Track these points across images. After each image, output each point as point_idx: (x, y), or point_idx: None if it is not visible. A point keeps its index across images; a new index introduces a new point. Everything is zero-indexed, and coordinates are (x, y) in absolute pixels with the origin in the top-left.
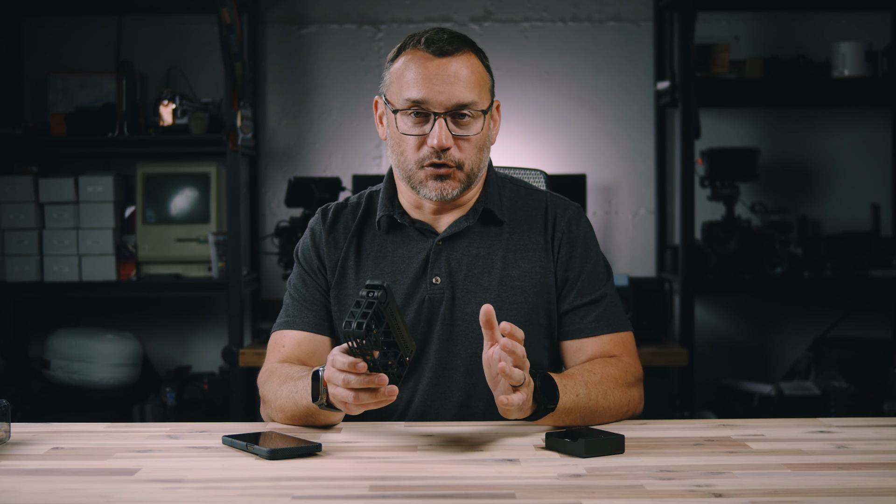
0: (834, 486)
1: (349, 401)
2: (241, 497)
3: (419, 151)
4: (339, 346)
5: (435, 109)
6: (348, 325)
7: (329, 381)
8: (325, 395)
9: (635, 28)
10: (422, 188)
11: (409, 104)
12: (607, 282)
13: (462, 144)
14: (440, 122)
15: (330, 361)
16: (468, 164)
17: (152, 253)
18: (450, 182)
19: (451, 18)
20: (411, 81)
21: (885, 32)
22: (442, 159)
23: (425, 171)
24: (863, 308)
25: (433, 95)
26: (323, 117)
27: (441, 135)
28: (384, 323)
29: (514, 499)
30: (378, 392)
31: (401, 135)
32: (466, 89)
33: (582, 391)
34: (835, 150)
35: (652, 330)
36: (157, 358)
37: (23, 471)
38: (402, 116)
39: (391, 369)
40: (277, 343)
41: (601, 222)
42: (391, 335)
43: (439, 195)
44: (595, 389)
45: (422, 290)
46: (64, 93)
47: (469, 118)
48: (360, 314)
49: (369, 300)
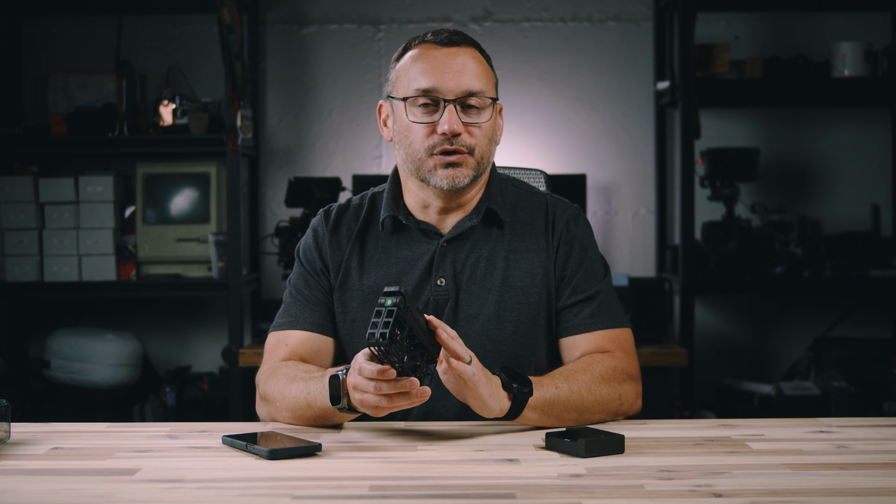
0: (834, 486)
1: (382, 405)
2: (241, 497)
3: (429, 139)
4: (362, 353)
5: (445, 96)
6: (371, 335)
7: (356, 388)
8: (347, 399)
9: (635, 28)
10: (432, 177)
11: (419, 92)
12: (603, 280)
13: (472, 131)
14: (450, 109)
15: (356, 369)
16: (479, 151)
17: (152, 253)
18: (461, 169)
19: (451, 18)
20: (420, 71)
21: (885, 32)
22: (454, 145)
23: (435, 159)
24: (863, 308)
25: (443, 82)
26: (323, 117)
27: (452, 120)
28: (407, 327)
29: (514, 499)
30: (411, 394)
31: (410, 124)
32: (475, 78)
33: (562, 385)
34: (835, 150)
35: (652, 330)
36: (157, 358)
37: (23, 471)
38: (412, 106)
39: (420, 370)
40: (280, 342)
41: (601, 222)
42: (416, 337)
43: (450, 183)
44: (577, 383)
45: (427, 291)
46: (64, 93)
47: (478, 107)
48: (381, 324)
49: (389, 308)
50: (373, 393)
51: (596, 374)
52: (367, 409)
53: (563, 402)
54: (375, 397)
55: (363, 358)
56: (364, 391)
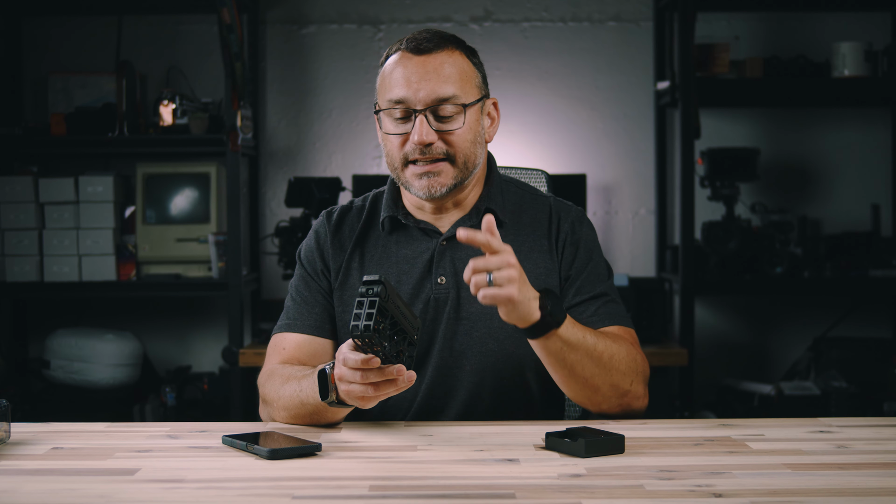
0: (834, 486)
1: (369, 394)
2: (241, 497)
3: (402, 149)
4: (346, 344)
5: (415, 106)
6: (355, 328)
7: (342, 379)
8: (335, 393)
9: (635, 28)
10: (410, 187)
11: (390, 104)
12: (607, 283)
13: (448, 138)
14: (420, 119)
15: (341, 360)
16: (461, 156)
17: (152, 253)
18: (437, 178)
19: (451, 18)
20: (392, 82)
21: (885, 32)
22: (427, 154)
23: (410, 169)
24: (863, 308)
25: (412, 93)
26: (323, 117)
27: (422, 130)
28: (389, 315)
29: (514, 499)
30: (398, 380)
31: (385, 135)
32: (447, 83)
33: (590, 337)
34: (835, 150)
35: (652, 330)
36: (157, 358)
37: (23, 471)
38: (386, 117)
39: (403, 354)
40: (278, 345)
41: (601, 222)
42: (397, 323)
43: (427, 193)
44: (602, 344)
45: (427, 289)
46: (64, 93)
47: (451, 113)
48: (364, 315)
49: (371, 298)
50: (359, 382)
51: (621, 348)
52: (355, 400)
53: (585, 349)
54: (361, 387)
55: (347, 349)
56: (350, 381)
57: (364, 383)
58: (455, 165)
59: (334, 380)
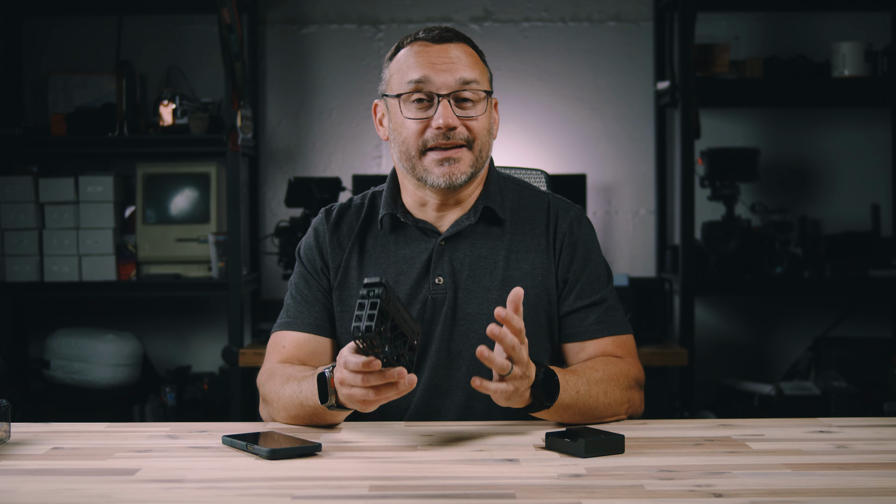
0: (834, 486)
1: (370, 398)
2: (241, 497)
3: (423, 136)
4: (347, 347)
5: (438, 91)
6: (357, 329)
7: (343, 382)
8: (335, 396)
9: (635, 28)
10: (428, 176)
11: (412, 86)
12: (607, 285)
13: (469, 124)
14: (444, 103)
15: (342, 363)
16: (478, 144)
17: (152, 253)
18: (458, 165)
19: (451, 18)
20: (413, 65)
21: (885, 32)
22: (450, 139)
23: (430, 156)
24: (863, 308)
25: (435, 74)
26: (323, 117)
27: (446, 114)
28: (389, 318)
29: (514, 499)
30: (399, 384)
31: (404, 120)
32: (468, 69)
33: (583, 388)
34: (835, 150)
35: (652, 330)
36: (157, 358)
37: (23, 471)
38: (405, 103)
39: (404, 358)
40: (277, 344)
41: (601, 222)
42: (397, 326)
43: (447, 181)
44: (596, 387)
45: (424, 289)
46: (64, 93)
47: (472, 100)
48: (366, 316)
49: (372, 300)
50: (360, 386)
51: (613, 379)
52: (356, 403)
53: (580, 405)
54: (363, 391)
55: (348, 352)
56: (351, 385)
57: (365, 386)
58: (472, 152)
59: (334, 383)
